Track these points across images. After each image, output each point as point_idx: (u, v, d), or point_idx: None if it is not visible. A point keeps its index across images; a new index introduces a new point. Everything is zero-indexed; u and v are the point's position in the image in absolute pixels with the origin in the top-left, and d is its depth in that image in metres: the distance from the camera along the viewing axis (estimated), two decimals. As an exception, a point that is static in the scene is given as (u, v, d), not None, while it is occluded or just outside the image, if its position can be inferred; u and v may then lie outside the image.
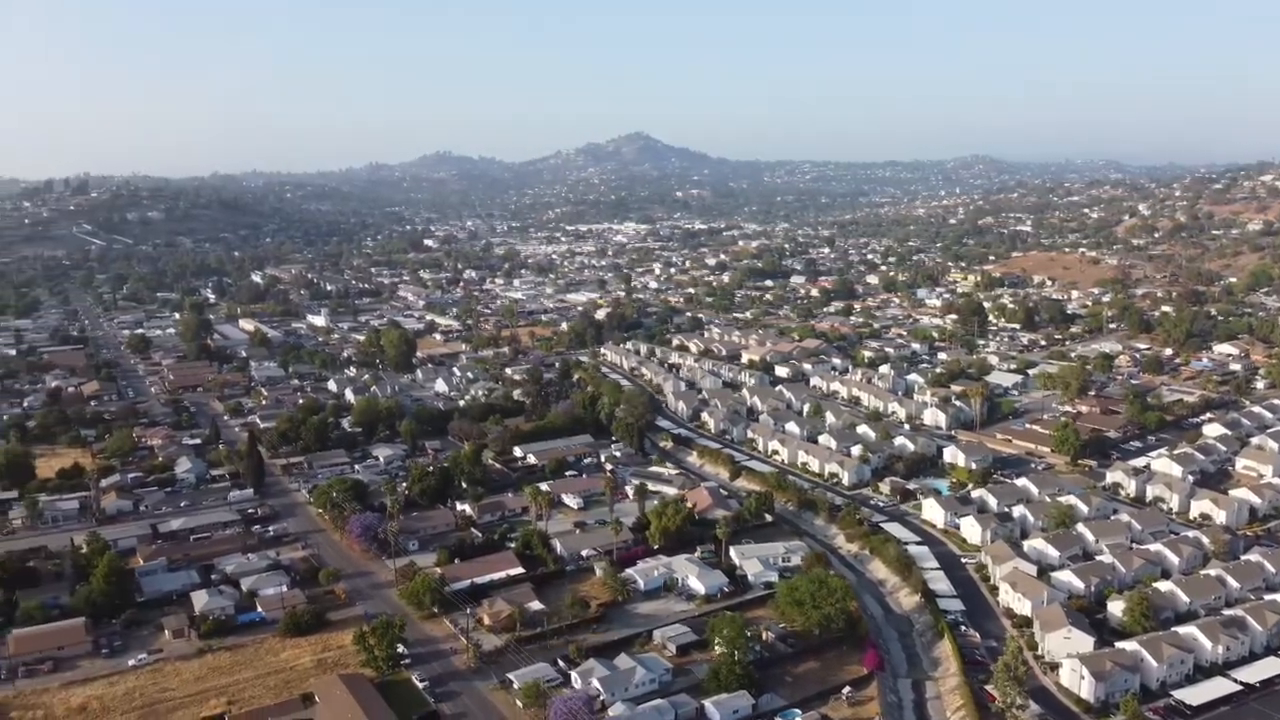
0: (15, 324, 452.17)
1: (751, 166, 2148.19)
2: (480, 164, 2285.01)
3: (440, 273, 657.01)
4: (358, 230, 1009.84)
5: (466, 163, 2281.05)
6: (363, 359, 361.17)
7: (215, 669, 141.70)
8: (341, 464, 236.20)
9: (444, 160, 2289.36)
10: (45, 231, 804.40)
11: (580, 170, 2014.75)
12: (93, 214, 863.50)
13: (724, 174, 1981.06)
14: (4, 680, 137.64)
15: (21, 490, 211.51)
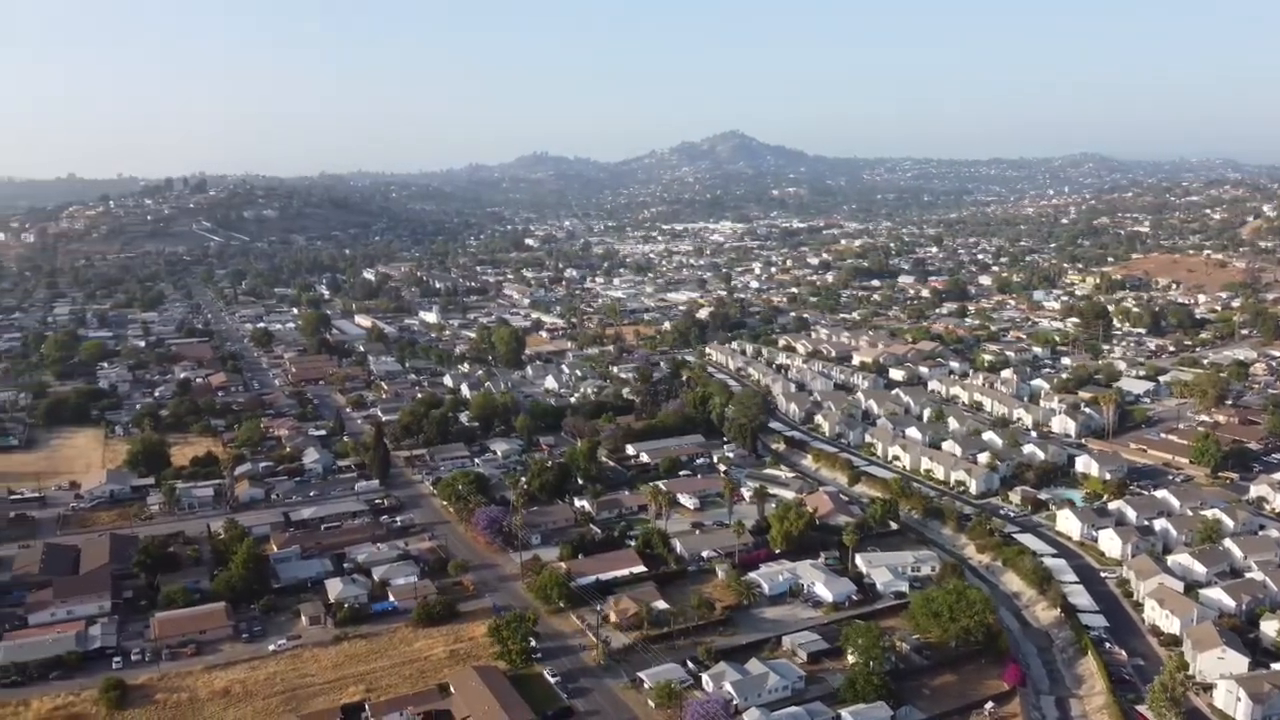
0: (143, 316, 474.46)
1: (849, 164, 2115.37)
2: (576, 164, 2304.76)
3: (542, 271, 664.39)
4: (461, 230, 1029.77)
5: (563, 163, 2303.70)
6: (475, 355, 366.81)
7: (352, 656, 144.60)
8: (462, 457, 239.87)
9: (541, 161, 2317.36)
10: (167, 228, 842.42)
11: (675, 169, 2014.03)
12: (211, 211, 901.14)
13: (821, 172, 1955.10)
14: (149, 662, 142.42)
15: (158, 477, 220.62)
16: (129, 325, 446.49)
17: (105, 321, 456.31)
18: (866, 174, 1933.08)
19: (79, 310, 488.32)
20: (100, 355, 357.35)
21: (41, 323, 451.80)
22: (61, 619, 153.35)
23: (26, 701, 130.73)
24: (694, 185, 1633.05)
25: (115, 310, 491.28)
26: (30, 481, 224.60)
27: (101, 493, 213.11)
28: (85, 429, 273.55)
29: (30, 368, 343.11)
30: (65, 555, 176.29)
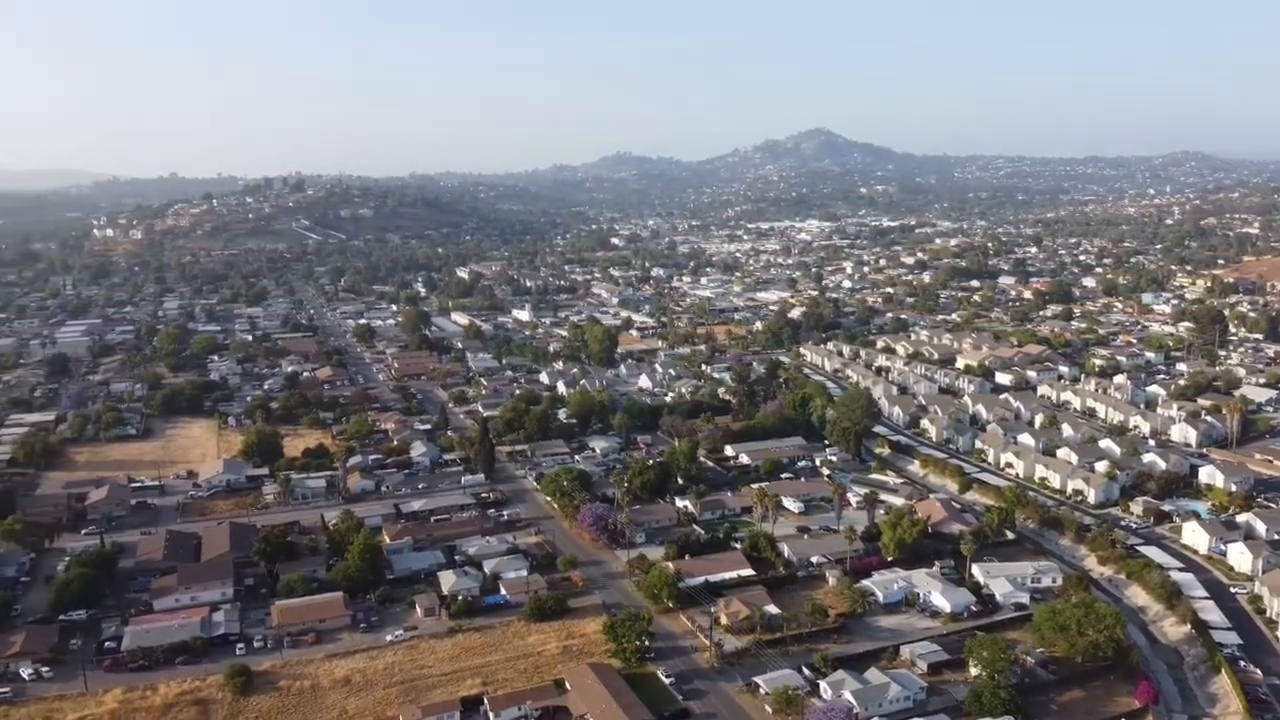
0: (248, 311, 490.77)
1: (939, 162, 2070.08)
2: (659, 163, 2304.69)
3: (628, 270, 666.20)
4: (547, 229, 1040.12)
5: (645, 162, 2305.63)
6: (568, 353, 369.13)
7: (467, 649, 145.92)
8: (562, 453, 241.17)
9: (624, 160, 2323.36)
10: (267, 226, 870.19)
11: (759, 168, 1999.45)
12: (309, 210, 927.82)
13: (910, 169, 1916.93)
14: (271, 649, 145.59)
15: (272, 468, 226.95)
16: (235, 320, 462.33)
17: (213, 316, 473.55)
18: (957, 172, 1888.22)
19: (187, 305, 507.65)
20: (210, 349, 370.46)
21: (152, 316, 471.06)
22: (185, 605, 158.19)
23: (154, 686, 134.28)
24: (778, 183, 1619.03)
25: (222, 305, 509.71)
26: (149, 470, 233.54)
27: (218, 482, 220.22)
28: (199, 419, 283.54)
29: (144, 360, 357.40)
30: (187, 542, 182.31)
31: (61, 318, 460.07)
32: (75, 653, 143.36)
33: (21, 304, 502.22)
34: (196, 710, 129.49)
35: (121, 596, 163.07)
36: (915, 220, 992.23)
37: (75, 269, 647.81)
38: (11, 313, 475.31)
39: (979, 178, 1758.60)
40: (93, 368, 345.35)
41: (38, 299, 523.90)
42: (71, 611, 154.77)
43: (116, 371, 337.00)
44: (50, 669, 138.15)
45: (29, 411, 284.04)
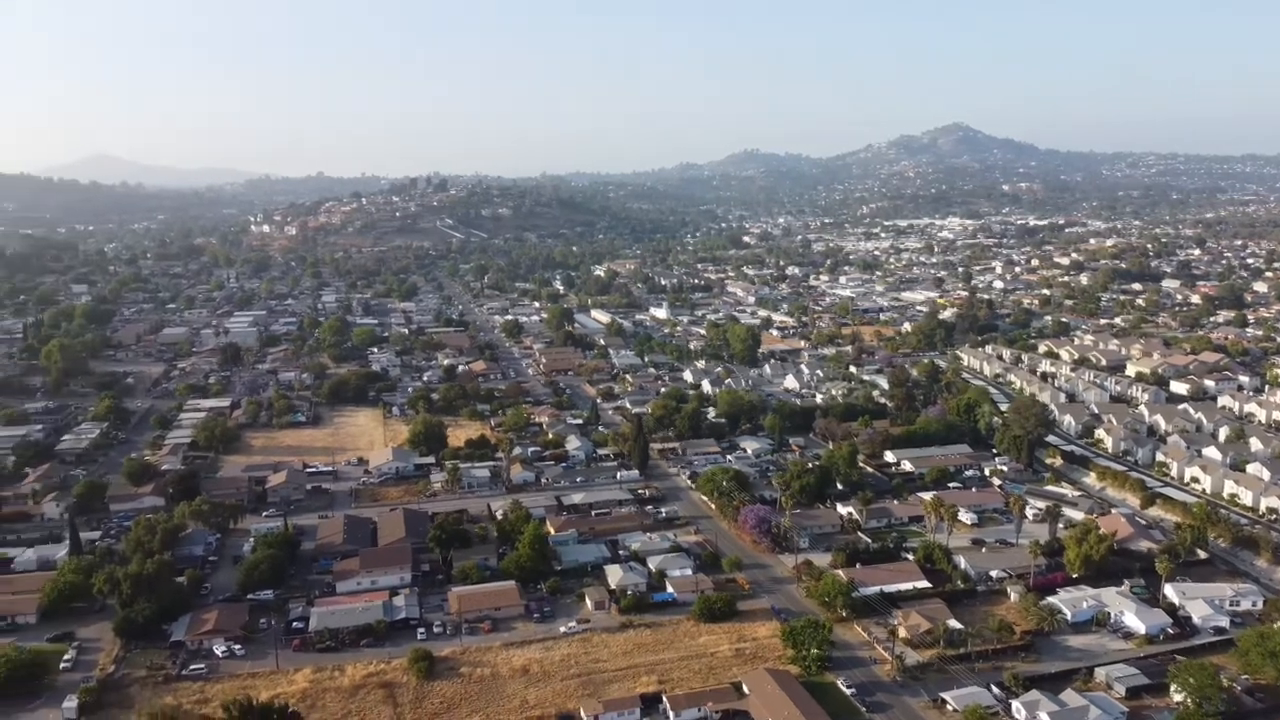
0: (401, 306, 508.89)
1: (1085, 158, 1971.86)
2: (787, 160, 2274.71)
3: (763, 269, 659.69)
4: (677, 228, 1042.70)
5: (773, 159, 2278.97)
6: (710, 351, 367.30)
7: (639, 645, 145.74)
8: (713, 453, 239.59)
9: (751, 158, 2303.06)
10: (413, 224, 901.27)
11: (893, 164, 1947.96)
12: (452, 209, 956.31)
13: (1054, 166, 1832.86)
14: (450, 635, 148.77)
15: (438, 457, 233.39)
16: (390, 314, 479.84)
17: (368, 310, 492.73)
18: (1105, 169, 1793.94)
19: (344, 299, 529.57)
20: (370, 341, 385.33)
21: (312, 309, 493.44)
22: (366, 588, 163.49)
23: (341, 666, 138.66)
24: (915, 180, 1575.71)
25: (376, 299, 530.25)
26: (322, 456, 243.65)
27: (388, 469, 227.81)
28: (364, 408, 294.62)
29: (309, 350, 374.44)
30: (364, 527, 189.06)
31: (228, 309, 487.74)
32: (265, 631, 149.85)
33: (190, 295, 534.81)
34: (383, 693, 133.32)
35: (305, 578, 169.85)
36: (1064, 219, 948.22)
37: (237, 263, 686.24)
38: (181, 303, 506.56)
39: (1128, 175, 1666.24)
40: (260, 357, 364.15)
41: (204, 291, 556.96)
42: (259, 591, 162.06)
43: (283, 361, 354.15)
44: (242, 646, 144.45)
45: (205, 397, 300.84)
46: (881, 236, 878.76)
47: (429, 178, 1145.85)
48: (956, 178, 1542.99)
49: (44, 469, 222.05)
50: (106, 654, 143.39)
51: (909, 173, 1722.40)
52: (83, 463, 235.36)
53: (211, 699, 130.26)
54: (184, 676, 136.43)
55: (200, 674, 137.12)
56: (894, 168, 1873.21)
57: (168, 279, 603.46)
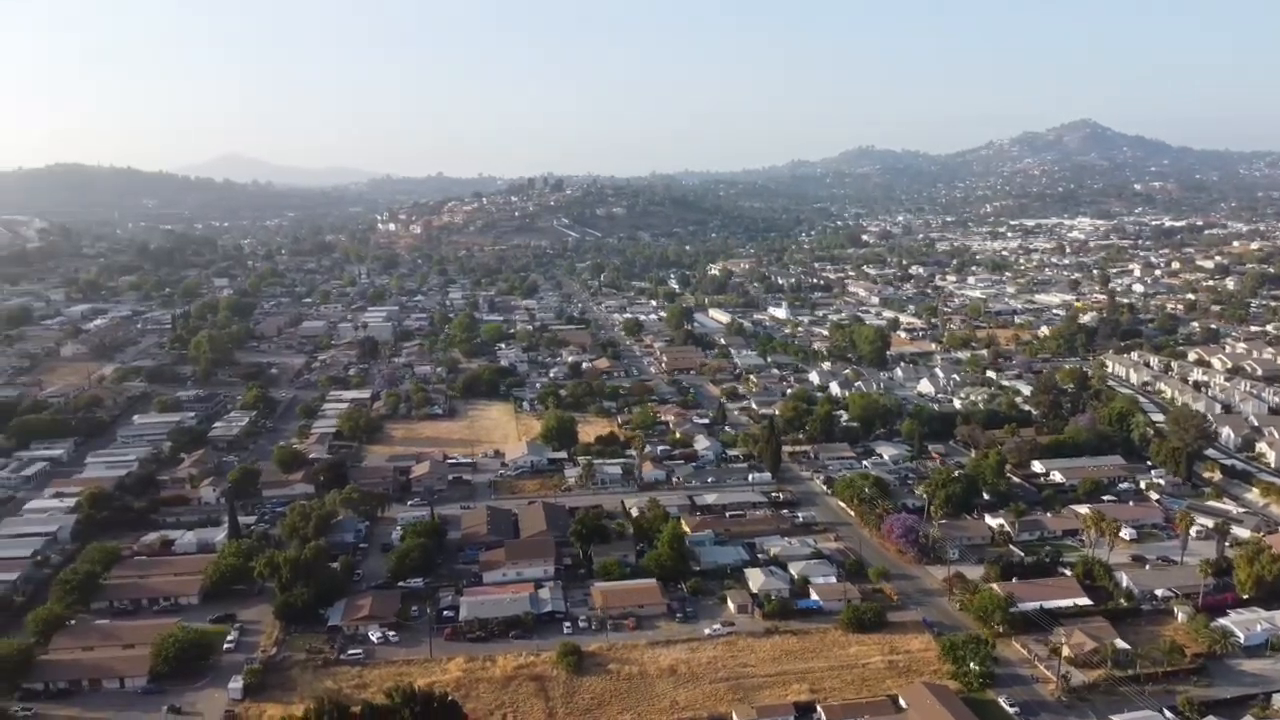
0: (523, 303, 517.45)
1: (1221, 157, 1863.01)
2: (904, 157, 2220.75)
3: (884, 268, 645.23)
4: (792, 226, 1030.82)
5: (889, 156, 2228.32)
6: (836, 353, 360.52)
7: (786, 652, 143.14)
8: (848, 457, 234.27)
9: (866, 155, 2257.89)
10: (531, 223, 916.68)
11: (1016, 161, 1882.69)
12: (568, 209, 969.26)
13: (1187, 164, 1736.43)
14: (595, 631, 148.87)
15: (570, 452, 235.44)
16: (514, 311, 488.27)
17: (493, 306, 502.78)
18: (1243, 168, 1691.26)
19: (469, 295, 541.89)
20: (498, 337, 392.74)
21: (440, 305, 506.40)
22: (512, 580, 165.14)
23: (492, 658, 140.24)
24: (1040, 178, 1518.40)
25: (500, 296, 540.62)
26: (459, 448, 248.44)
27: (524, 463, 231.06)
28: (495, 402, 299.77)
29: (440, 345, 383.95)
30: (506, 519, 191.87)
31: (361, 304, 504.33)
32: (416, 619, 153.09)
33: (325, 290, 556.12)
34: (534, 686, 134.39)
35: (452, 567, 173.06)
36: (1202, 220, 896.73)
37: (367, 259, 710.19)
38: (317, 298, 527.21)
39: (1268, 175, 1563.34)
40: (396, 351, 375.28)
41: (337, 286, 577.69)
42: (409, 579, 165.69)
43: (417, 355, 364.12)
44: (395, 633, 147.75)
45: (346, 389, 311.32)
46: (1008, 236, 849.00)
47: (545, 178, 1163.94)
48: (1084, 176, 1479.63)
49: (198, 455, 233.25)
50: (267, 636, 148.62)
51: (1034, 170, 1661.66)
52: (234, 449, 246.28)
53: (369, 684, 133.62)
54: (342, 661, 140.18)
55: (358, 659, 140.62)
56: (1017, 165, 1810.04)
57: (303, 274, 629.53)
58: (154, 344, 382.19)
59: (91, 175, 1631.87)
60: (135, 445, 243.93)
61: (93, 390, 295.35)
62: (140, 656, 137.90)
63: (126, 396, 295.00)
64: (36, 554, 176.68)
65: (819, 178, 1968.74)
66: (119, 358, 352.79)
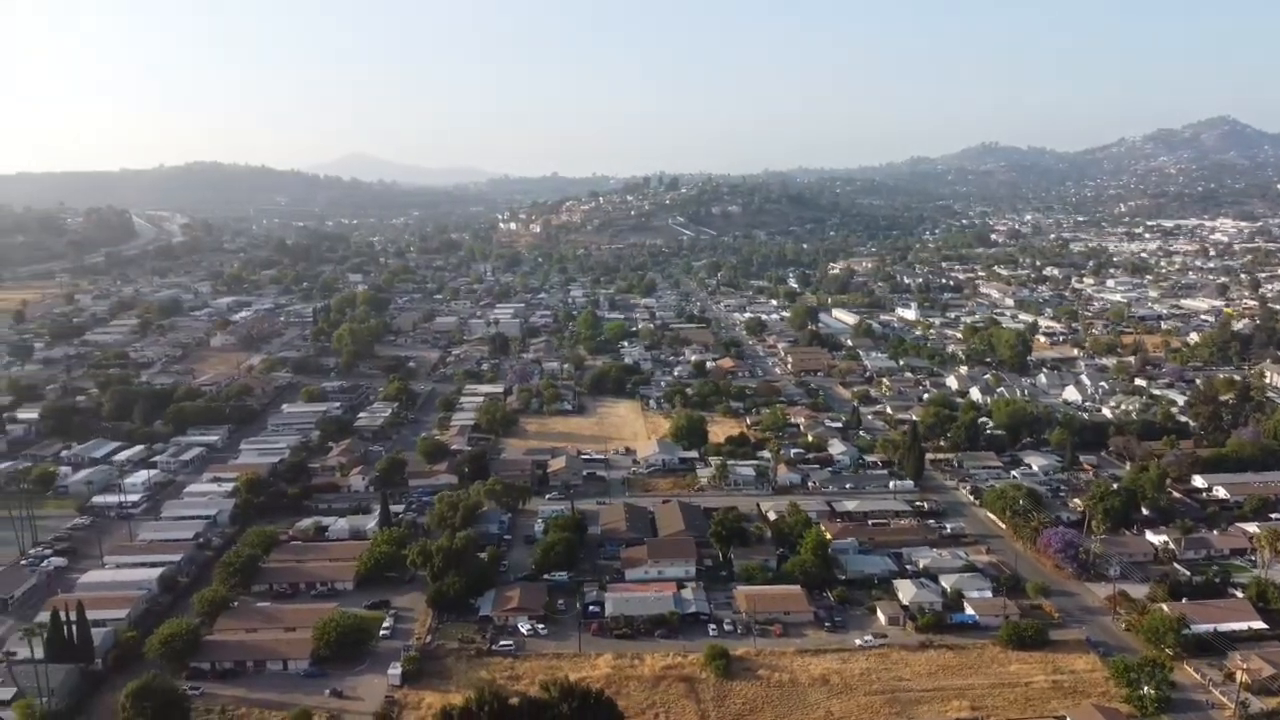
0: (643, 301, 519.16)
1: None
2: (1030, 154, 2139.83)
3: (1016, 269, 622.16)
4: (914, 224, 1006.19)
5: (1014, 153, 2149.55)
6: (973, 357, 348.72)
7: (943, 667, 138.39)
8: (994, 467, 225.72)
9: (989, 152, 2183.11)
10: (646, 222, 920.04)
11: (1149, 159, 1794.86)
12: (683, 207, 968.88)
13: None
14: (741, 635, 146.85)
15: (701, 451, 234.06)
16: (633, 309, 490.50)
17: (614, 304, 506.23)
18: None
19: (590, 294, 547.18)
20: (621, 335, 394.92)
21: (562, 303, 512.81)
22: (654, 578, 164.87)
23: (640, 656, 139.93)
24: (1176, 177, 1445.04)
25: (619, 295, 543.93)
26: (589, 444, 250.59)
27: (655, 461, 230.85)
28: (622, 400, 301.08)
29: (566, 342, 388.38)
30: (643, 516, 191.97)
31: (489, 301, 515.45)
32: (562, 613, 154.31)
33: (454, 287, 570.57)
34: (684, 687, 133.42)
35: (593, 562, 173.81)
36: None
37: (491, 257, 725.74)
38: (447, 294, 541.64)
39: None
40: (524, 347, 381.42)
41: (465, 283, 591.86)
42: (554, 572, 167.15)
43: (544, 351, 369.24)
44: (544, 626, 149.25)
45: (479, 383, 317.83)
46: (1145, 237, 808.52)
47: (659, 176, 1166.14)
48: (1224, 175, 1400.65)
49: (345, 444, 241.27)
50: (420, 624, 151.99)
51: (1169, 169, 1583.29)
52: (378, 439, 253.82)
53: (521, 676, 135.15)
54: (494, 652, 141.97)
55: (509, 650, 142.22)
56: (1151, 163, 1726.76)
57: (431, 271, 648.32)
58: (297, 336, 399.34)
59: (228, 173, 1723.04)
60: (285, 433, 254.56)
61: (243, 380, 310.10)
62: (301, 639, 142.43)
63: (274, 386, 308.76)
64: (198, 536, 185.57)
65: (940, 175, 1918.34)
66: (265, 349, 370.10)
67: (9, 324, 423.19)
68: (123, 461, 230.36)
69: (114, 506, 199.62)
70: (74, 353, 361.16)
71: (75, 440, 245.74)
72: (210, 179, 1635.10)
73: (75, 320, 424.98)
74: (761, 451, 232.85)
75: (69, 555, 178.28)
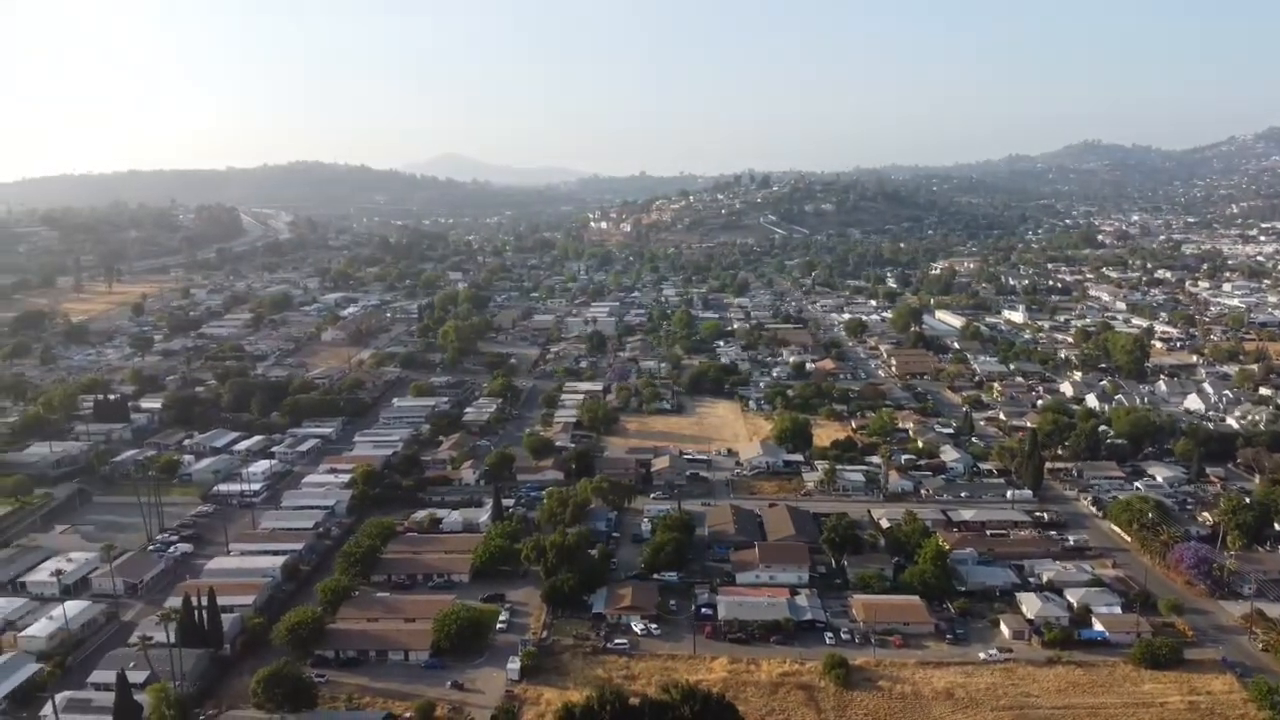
0: (736, 301, 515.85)
1: None
2: (1134, 153, 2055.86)
3: (1126, 271, 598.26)
4: (1016, 224, 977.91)
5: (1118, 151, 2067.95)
6: (1088, 362, 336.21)
7: (1072, 684, 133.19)
8: (1116, 477, 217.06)
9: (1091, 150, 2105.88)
10: (737, 221, 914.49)
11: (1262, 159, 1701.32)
12: (775, 205, 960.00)
13: None
14: (859, 644, 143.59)
15: (806, 455, 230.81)
16: (726, 308, 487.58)
17: (706, 304, 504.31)
18: None
19: (683, 292, 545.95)
20: (716, 334, 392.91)
21: (655, 301, 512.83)
22: (765, 583, 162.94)
23: (756, 661, 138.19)
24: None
25: (712, 294, 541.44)
26: (690, 444, 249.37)
27: (759, 463, 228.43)
28: (721, 400, 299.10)
29: (661, 341, 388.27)
30: (751, 519, 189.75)
31: (583, 299, 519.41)
32: (674, 613, 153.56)
33: (549, 285, 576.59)
34: (803, 695, 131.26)
35: (702, 563, 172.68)
36: None
37: (584, 256, 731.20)
38: (543, 293, 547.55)
39: None
40: (620, 345, 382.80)
41: (559, 281, 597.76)
42: (663, 572, 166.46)
43: (640, 350, 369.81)
44: (657, 626, 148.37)
45: (579, 380, 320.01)
46: (1261, 240, 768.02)
47: (750, 174, 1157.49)
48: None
49: (455, 438, 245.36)
50: (535, 619, 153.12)
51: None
52: (484, 434, 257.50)
53: (638, 676, 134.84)
54: (608, 650, 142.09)
55: (624, 649, 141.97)
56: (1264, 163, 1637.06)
57: (527, 270, 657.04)
58: (403, 332, 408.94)
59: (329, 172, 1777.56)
60: (396, 427, 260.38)
61: (355, 373, 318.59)
62: (421, 630, 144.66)
63: (383, 380, 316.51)
64: (318, 525, 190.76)
65: (1040, 173, 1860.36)
66: (373, 344, 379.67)
67: (129, 316, 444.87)
68: (243, 451, 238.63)
69: (236, 495, 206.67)
70: (191, 345, 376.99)
71: (196, 430, 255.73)
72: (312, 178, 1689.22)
73: (191, 314, 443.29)
74: (870, 457, 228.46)
75: (194, 541, 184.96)
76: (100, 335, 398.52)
